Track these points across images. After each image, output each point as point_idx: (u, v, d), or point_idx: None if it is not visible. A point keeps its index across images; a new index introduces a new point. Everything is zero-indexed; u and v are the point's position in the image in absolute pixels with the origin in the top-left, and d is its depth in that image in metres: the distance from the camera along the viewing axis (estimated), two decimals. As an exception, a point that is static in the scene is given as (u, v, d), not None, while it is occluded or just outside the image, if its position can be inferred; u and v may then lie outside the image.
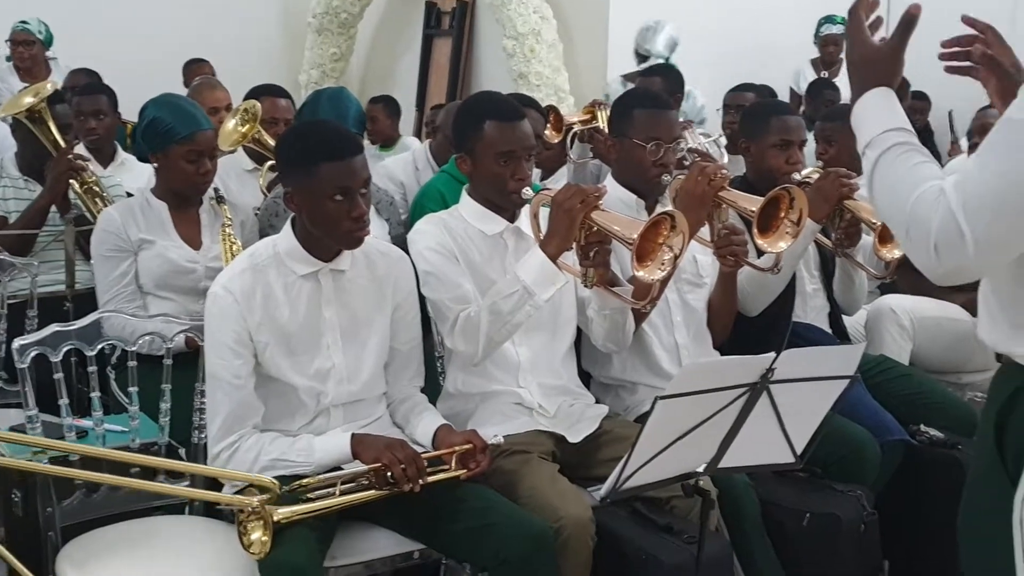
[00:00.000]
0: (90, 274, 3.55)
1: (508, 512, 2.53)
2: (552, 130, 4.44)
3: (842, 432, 3.06)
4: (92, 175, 3.92)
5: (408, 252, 2.90)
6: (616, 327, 2.95)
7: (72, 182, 3.86)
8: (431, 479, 2.51)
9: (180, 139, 3.30)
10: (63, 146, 3.96)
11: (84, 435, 2.74)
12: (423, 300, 2.88)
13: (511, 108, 2.96)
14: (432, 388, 2.98)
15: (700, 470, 2.30)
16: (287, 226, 2.67)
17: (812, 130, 4.16)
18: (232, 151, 4.37)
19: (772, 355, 2.13)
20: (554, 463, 2.78)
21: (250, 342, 2.57)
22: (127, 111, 4.70)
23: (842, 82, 6.32)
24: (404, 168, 4.83)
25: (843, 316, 3.76)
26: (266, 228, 3.55)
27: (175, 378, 2.76)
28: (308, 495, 2.43)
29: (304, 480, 2.45)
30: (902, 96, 1.93)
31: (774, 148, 3.48)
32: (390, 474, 2.46)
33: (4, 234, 3.85)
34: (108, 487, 2.66)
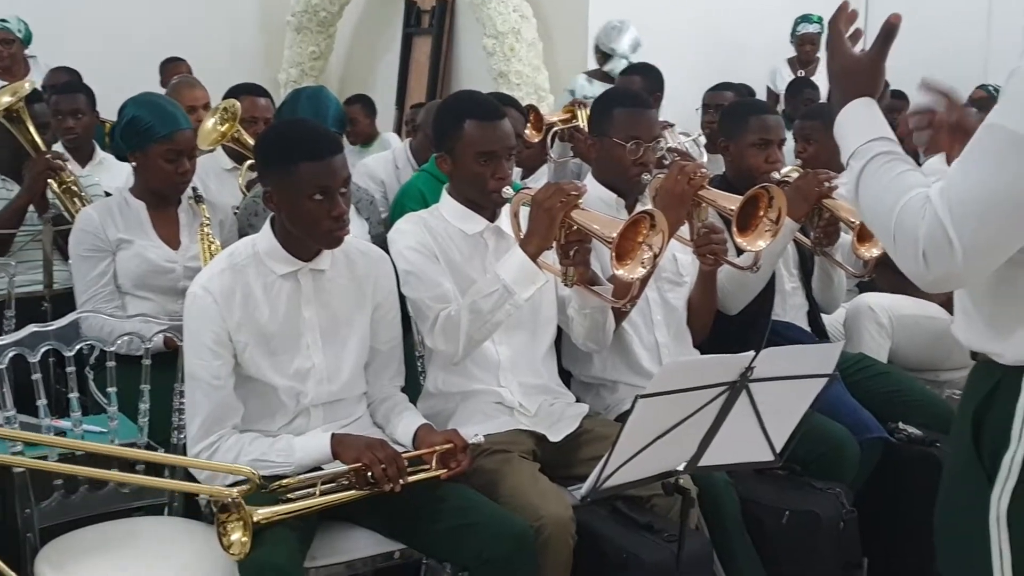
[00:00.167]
0: (68, 274, 3.53)
1: (489, 511, 2.53)
2: (532, 129, 4.45)
3: (821, 430, 3.07)
4: (70, 175, 3.90)
5: (388, 251, 2.90)
6: (596, 326, 2.95)
7: (50, 182, 3.84)
8: (412, 479, 2.50)
9: (159, 138, 3.28)
10: (41, 146, 3.93)
11: (63, 436, 2.72)
12: (403, 299, 2.87)
13: (491, 107, 2.95)
14: (412, 387, 2.97)
15: (680, 468, 2.31)
16: (266, 226, 2.66)
17: (791, 129, 4.17)
18: (211, 150, 4.36)
19: (751, 354, 2.15)
20: (535, 462, 2.79)
21: (229, 342, 2.57)
22: (105, 110, 4.69)
23: (819, 80, 6.34)
24: (384, 167, 4.82)
25: (822, 314, 3.78)
26: (245, 228, 3.54)
27: (154, 379, 2.75)
28: (288, 495, 2.42)
29: (284, 480, 2.44)
30: (881, 96, 1.94)
31: (753, 147, 3.50)
32: (370, 474, 2.46)
33: (-19, 234, 3.83)
34: (86, 488, 2.66)
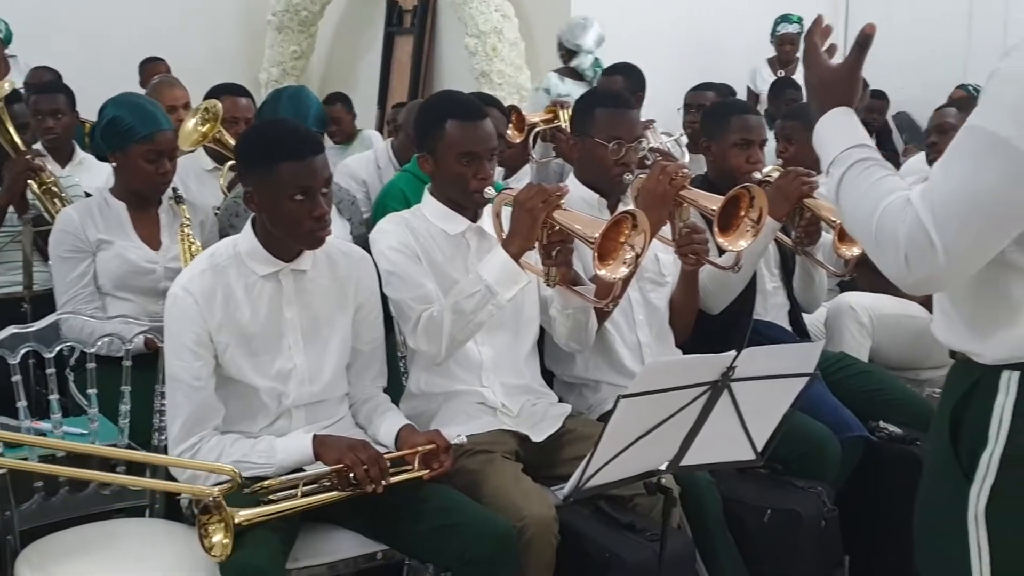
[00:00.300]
0: (48, 275, 3.51)
1: (472, 512, 2.53)
2: (514, 129, 4.45)
3: (802, 429, 3.08)
4: (51, 175, 3.87)
5: (370, 251, 2.89)
6: (579, 326, 2.96)
7: (30, 182, 3.81)
8: (394, 480, 2.50)
9: (140, 139, 3.27)
10: (21, 146, 3.91)
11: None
12: (385, 300, 2.87)
13: (473, 107, 2.95)
14: (395, 388, 2.97)
15: (662, 468, 2.32)
16: (247, 226, 2.66)
17: (772, 128, 4.19)
18: (192, 151, 4.34)
19: (733, 353, 2.16)
20: (517, 462, 2.79)
21: (210, 343, 2.56)
22: (85, 110, 4.66)
23: (799, 80, 6.37)
24: (366, 167, 4.81)
25: (803, 314, 3.79)
26: (226, 228, 3.53)
27: (135, 380, 2.74)
28: (270, 496, 2.41)
29: (266, 482, 2.43)
30: (861, 98, 1.96)
31: (735, 147, 3.50)
32: (353, 475, 2.45)
33: (-39, 235, 3.81)
34: (67, 490, 2.64)
